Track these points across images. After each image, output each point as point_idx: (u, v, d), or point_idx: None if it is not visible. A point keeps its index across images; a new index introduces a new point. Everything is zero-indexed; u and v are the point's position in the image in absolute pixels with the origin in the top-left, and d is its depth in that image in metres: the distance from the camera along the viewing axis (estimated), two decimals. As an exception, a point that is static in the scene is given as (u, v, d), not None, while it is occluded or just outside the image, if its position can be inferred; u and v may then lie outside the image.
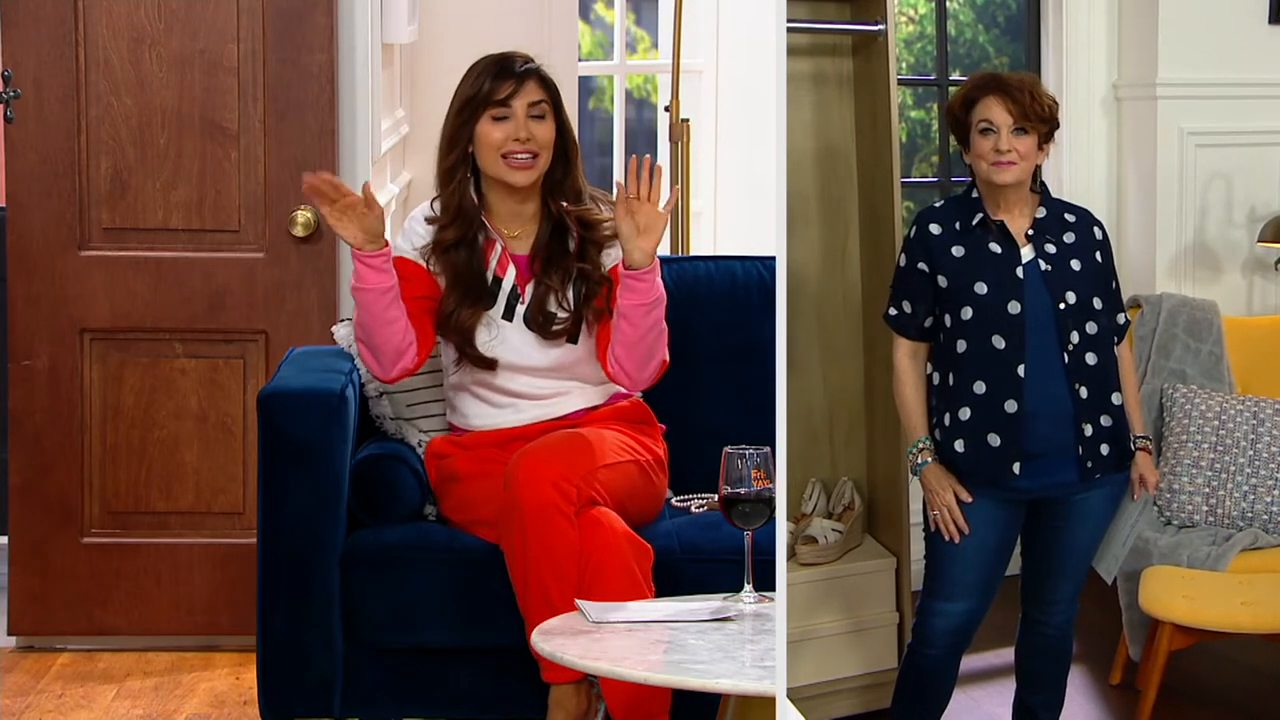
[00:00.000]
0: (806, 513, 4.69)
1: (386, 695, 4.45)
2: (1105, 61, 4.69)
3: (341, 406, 4.43)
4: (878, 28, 4.57)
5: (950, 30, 4.87)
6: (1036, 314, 4.16)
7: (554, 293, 4.47)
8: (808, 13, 4.70)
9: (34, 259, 5.29)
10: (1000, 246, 4.17)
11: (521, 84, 4.47)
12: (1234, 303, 4.52)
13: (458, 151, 4.49)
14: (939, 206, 4.27)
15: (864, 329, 4.71)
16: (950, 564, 4.19)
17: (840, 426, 4.74)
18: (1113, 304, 4.20)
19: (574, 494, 4.24)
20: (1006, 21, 4.90)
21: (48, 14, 5.24)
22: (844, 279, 4.73)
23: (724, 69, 6.39)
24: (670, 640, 3.73)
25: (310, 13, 5.26)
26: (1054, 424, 4.14)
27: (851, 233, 4.73)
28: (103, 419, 5.33)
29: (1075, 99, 4.70)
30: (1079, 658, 4.57)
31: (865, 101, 4.68)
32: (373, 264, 4.35)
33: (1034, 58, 4.81)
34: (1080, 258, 4.19)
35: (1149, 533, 4.47)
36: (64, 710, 4.94)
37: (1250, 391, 4.43)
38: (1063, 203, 4.27)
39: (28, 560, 5.35)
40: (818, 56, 4.72)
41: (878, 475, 4.71)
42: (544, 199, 4.53)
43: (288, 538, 4.40)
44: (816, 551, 4.57)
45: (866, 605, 4.60)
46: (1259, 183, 4.53)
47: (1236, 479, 4.34)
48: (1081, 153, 4.72)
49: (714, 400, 4.84)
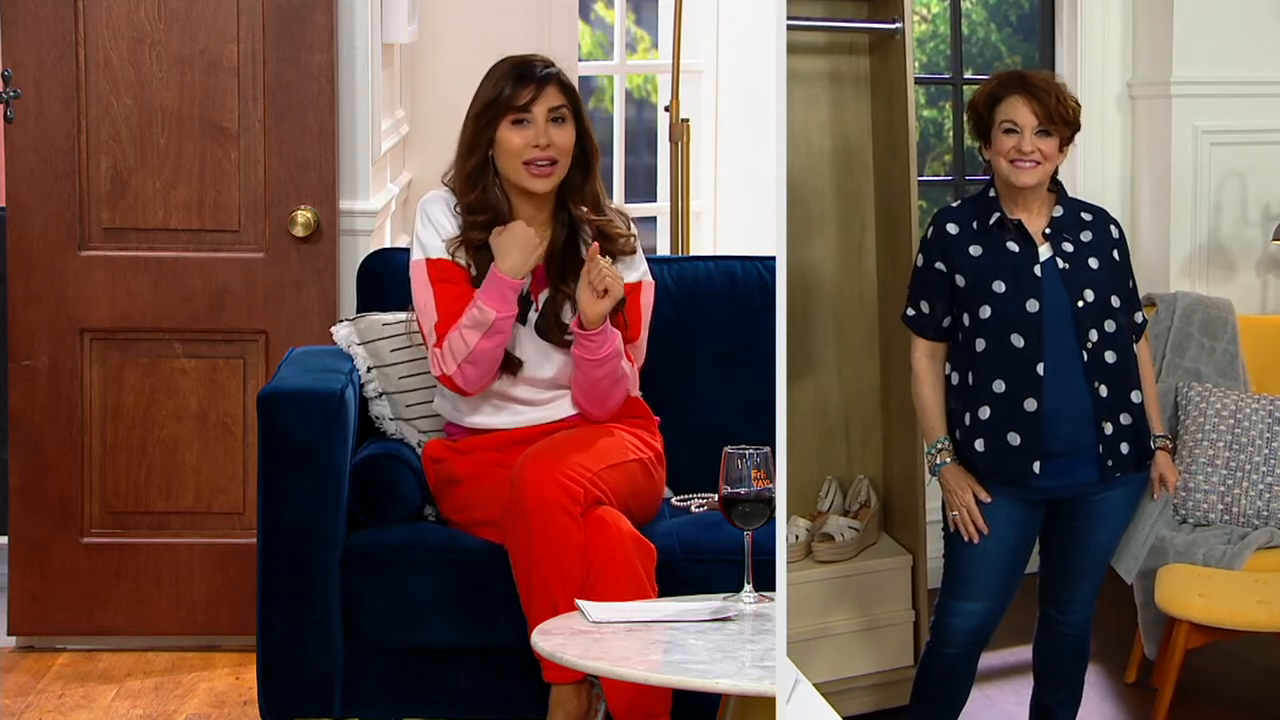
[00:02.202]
0: (823, 510, 4.71)
1: (386, 695, 4.45)
2: (1120, 59, 4.69)
3: (341, 406, 4.43)
4: (895, 26, 4.57)
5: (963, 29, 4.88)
6: (1055, 312, 4.17)
7: (569, 301, 4.47)
8: (824, 11, 4.71)
9: (34, 259, 5.29)
10: (1018, 245, 4.17)
11: (542, 89, 4.46)
12: (1249, 301, 4.52)
13: (478, 155, 4.49)
14: (956, 206, 4.27)
15: (880, 327, 4.72)
16: (969, 564, 4.19)
17: (856, 424, 4.76)
18: (1130, 302, 4.20)
19: (580, 494, 4.24)
20: (1019, 20, 4.90)
21: (48, 14, 5.23)
22: (860, 277, 4.74)
23: (724, 69, 6.39)
24: (670, 640, 3.73)
25: (310, 13, 5.25)
26: (1074, 423, 4.14)
27: (868, 231, 4.74)
28: (103, 419, 5.33)
29: (1089, 97, 4.70)
30: (1095, 656, 4.57)
31: (881, 100, 4.68)
32: (516, 290, 4.39)
33: (1047, 56, 4.81)
34: (1097, 256, 4.19)
35: (1165, 531, 4.47)
36: (64, 710, 4.93)
37: (1265, 390, 4.43)
38: (1079, 201, 4.28)
39: (28, 560, 5.35)
40: (834, 55, 4.72)
41: (894, 473, 4.72)
42: (560, 204, 4.52)
43: (288, 538, 4.40)
44: (833, 549, 4.59)
45: (882, 603, 4.62)
46: (1274, 181, 4.53)
47: (1252, 477, 4.35)
48: (1096, 151, 4.71)
49: (714, 400, 4.84)
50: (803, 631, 4.58)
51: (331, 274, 5.31)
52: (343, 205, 5.33)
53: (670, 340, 4.83)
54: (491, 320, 4.37)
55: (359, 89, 5.31)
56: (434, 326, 4.45)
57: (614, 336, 4.41)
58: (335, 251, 5.31)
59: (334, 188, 5.29)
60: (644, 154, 7.22)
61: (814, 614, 4.56)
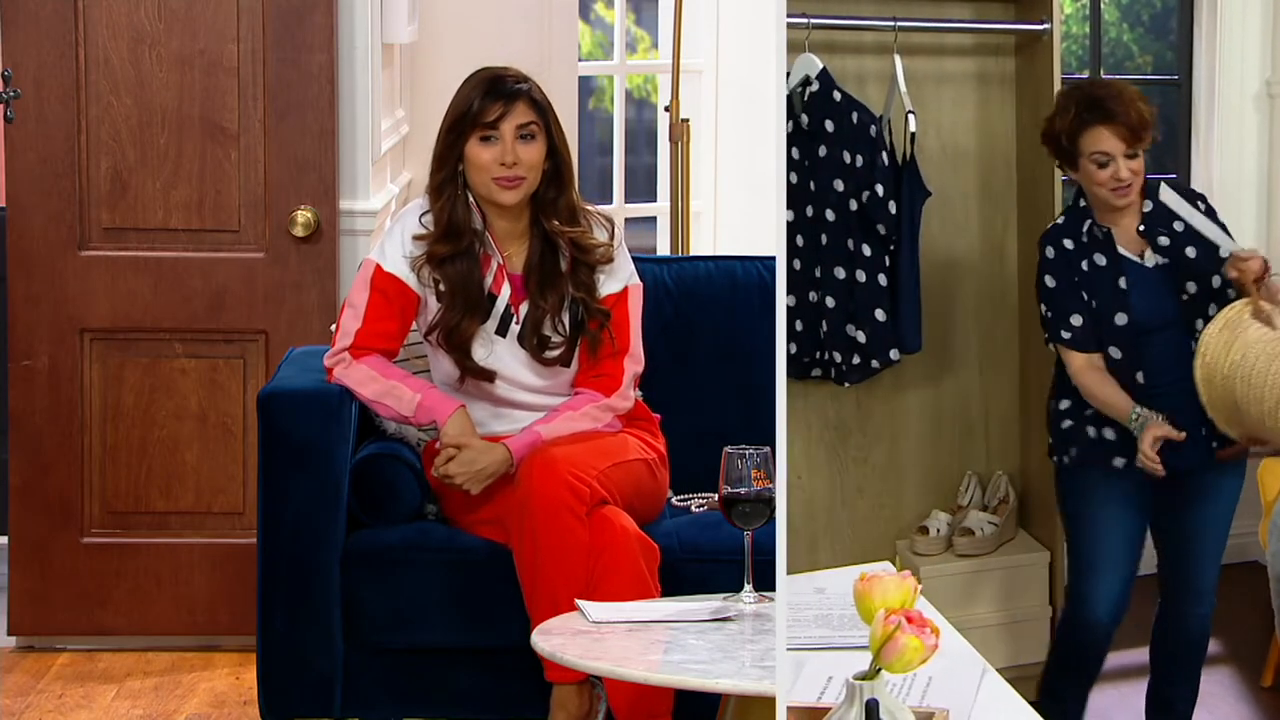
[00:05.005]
0: (963, 505, 4.75)
1: (386, 695, 4.45)
2: (1259, 57, 4.67)
3: (341, 406, 4.43)
4: (1043, 27, 4.60)
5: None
6: (1158, 315, 4.24)
7: (550, 316, 4.46)
8: (972, 13, 4.75)
9: (34, 259, 5.29)
10: (1105, 259, 4.23)
11: (510, 105, 4.44)
12: (1381, 297, 4.52)
13: (447, 169, 4.48)
14: (1062, 223, 4.34)
15: (1020, 326, 4.75)
16: (1101, 540, 4.32)
17: (996, 421, 4.81)
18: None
19: (586, 494, 4.24)
20: (1151, 20, 4.90)
21: (48, 14, 5.23)
22: (1002, 277, 4.78)
23: (724, 69, 6.39)
24: (670, 640, 3.73)
25: (310, 13, 5.26)
26: (1185, 414, 4.25)
27: (1010, 231, 4.77)
28: (103, 419, 5.33)
29: (1227, 96, 4.69)
30: (1229, 659, 4.59)
31: (1027, 100, 4.71)
32: (435, 422, 4.45)
33: (1184, 55, 4.80)
34: (1195, 244, 4.24)
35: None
36: (64, 710, 4.94)
37: None
38: (1162, 186, 4.32)
39: (28, 560, 5.35)
40: (981, 56, 4.75)
41: (1031, 470, 4.77)
42: (534, 217, 4.52)
43: (288, 538, 4.40)
44: (973, 543, 4.64)
45: (1019, 598, 4.66)
46: None
47: None
48: (1233, 150, 4.70)
49: (714, 400, 4.84)
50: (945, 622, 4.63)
51: (331, 274, 5.31)
52: (343, 205, 5.33)
53: (670, 340, 4.84)
54: (404, 413, 4.45)
55: (359, 89, 5.32)
56: (355, 331, 4.47)
57: (535, 443, 4.38)
58: (335, 251, 5.31)
59: (334, 188, 5.29)
60: (644, 154, 7.22)
61: (953, 607, 4.59)
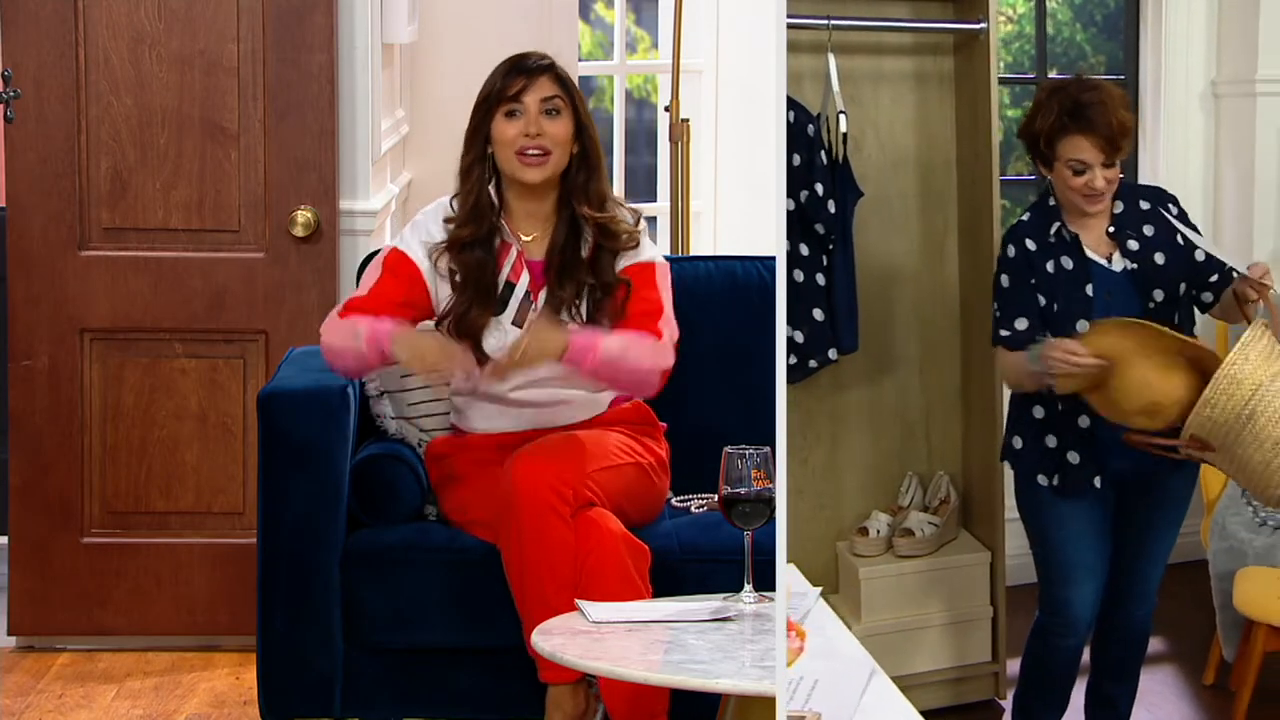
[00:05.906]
0: (903, 505, 4.74)
1: (386, 695, 4.45)
2: (1204, 58, 4.67)
3: (341, 406, 4.43)
4: (980, 26, 4.59)
5: (1047, 29, 4.89)
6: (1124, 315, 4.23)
7: (566, 305, 4.46)
8: (909, 12, 4.74)
9: (34, 259, 5.29)
10: (1072, 263, 4.21)
11: (534, 79, 4.47)
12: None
13: (475, 150, 4.50)
14: (1027, 221, 4.31)
15: (961, 325, 4.74)
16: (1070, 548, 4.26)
17: (937, 421, 4.80)
18: (1207, 267, 4.23)
19: (570, 495, 4.24)
20: (1104, 20, 4.90)
21: (48, 14, 5.23)
22: (942, 276, 4.77)
23: (724, 69, 6.39)
24: (670, 640, 3.73)
25: (310, 13, 5.26)
26: None
27: (950, 231, 4.76)
28: (103, 419, 5.33)
29: (1173, 96, 4.68)
30: (1172, 657, 4.59)
31: (965, 100, 4.70)
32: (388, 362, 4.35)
33: (1132, 55, 4.81)
34: (1164, 249, 4.22)
35: (1244, 534, 4.47)
36: (64, 710, 4.94)
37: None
38: (1135, 188, 4.30)
39: (28, 560, 5.35)
40: (919, 55, 4.74)
41: (973, 470, 4.76)
42: (563, 201, 4.51)
43: (288, 538, 4.40)
44: (914, 544, 4.63)
45: (961, 598, 4.64)
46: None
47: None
48: (1178, 150, 4.70)
49: (714, 400, 4.84)
50: (881, 625, 4.60)
51: (331, 274, 5.31)
52: (343, 205, 5.33)
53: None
54: (359, 348, 4.33)
55: (359, 89, 5.31)
56: (352, 297, 4.46)
57: (589, 353, 4.33)
58: (335, 251, 5.31)
59: (334, 188, 5.29)
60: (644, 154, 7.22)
61: (893, 608, 4.58)
